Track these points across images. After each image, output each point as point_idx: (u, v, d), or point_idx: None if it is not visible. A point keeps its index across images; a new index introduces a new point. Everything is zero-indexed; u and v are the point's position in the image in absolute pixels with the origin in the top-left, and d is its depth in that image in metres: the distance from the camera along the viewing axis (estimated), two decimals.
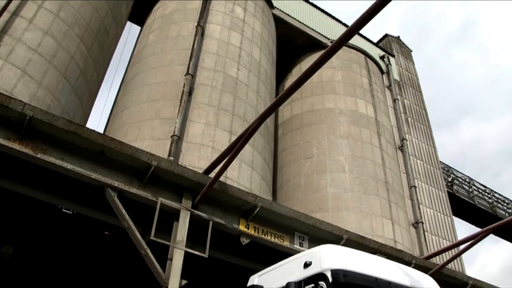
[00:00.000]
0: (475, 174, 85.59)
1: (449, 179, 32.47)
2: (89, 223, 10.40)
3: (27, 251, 12.52)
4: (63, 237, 12.11)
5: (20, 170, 8.83)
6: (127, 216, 8.70)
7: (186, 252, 8.86)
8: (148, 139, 14.04)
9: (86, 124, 15.42)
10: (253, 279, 7.60)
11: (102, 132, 12.96)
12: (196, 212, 9.34)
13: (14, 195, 9.22)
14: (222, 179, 9.64)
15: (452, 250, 16.52)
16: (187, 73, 14.91)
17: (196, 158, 13.44)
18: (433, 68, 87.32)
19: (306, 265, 6.50)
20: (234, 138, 9.49)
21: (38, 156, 8.24)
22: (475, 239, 12.29)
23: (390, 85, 26.29)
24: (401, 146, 24.42)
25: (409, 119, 27.61)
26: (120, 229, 9.17)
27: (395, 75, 27.59)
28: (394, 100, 25.89)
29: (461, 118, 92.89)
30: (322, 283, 6.09)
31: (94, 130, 8.85)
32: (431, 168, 27.25)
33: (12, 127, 8.17)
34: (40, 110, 8.26)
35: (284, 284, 6.03)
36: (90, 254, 12.72)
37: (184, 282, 8.54)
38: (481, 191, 35.52)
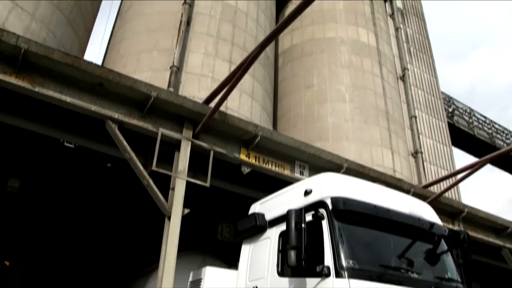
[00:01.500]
0: (482, 108, 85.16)
1: (450, 110, 32.43)
2: (91, 156, 10.46)
3: (33, 185, 12.71)
4: (66, 170, 12.25)
5: (20, 105, 8.77)
6: (128, 148, 8.73)
7: (187, 182, 8.96)
8: (147, 71, 13.88)
9: (83, 57, 15.18)
10: (255, 207, 7.74)
11: (100, 65, 12.78)
12: (197, 142, 9.37)
13: (16, 130, 9.21)
14: (222, 109, 9.60)
15: (450, 179, 16.78)
16: (185, 2, 14.50)
17: (196, 89, 13.35)
18: None
19: (306, 193, 6.60)
20: (233, 68, 9.35)
21: (36, 89, 8.15)
22: (472, 168, 12.42)
23: (393, 13, 25.66)
24: (403, 75, 24.21)
25: (412, 48, 27.18)
26: (122, 161, 9.22)
27: (398, 3, 26.86)
28: (397, 29, 25.37)
29: (473, 50, 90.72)
30: (322, 210, 6.20)
31: (92, 62, 8.71)
32: (432, 98, 27.15)
33: (7, 61, 8.01)
34: (35, 42, 8.07)
35: (285, 211, 6.13)
36: (93, 187, 12.92)
37: (186, 211, 8.70)
38: (480, 121, 35.57)
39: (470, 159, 33.52)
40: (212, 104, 9.30)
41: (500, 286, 19.40)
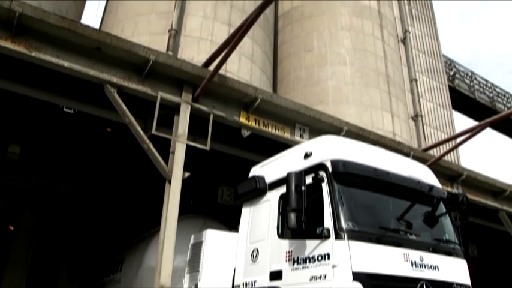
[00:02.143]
0: (486, 72, 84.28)
1: (451, 73, 32.20)
2: (91, 121, 10.44)
3: (33, 151, 12.73)
4: (67, 136, 12.24)
5: (18, 71, 8.69)
6: (128, 112, 8.70)
7: (187, 146, 8.97)
8: (146, 34, 13.72)
9: (79, 22, 14.95)
10: (255, 170, 7.76)
11: (97, 28, 12.59)
12: (196, 105, 9.33)
13: (15, 97, 9.16)
14: (221, 72, 9.52)
15: (450, 143, 16.81)
16: None
17: (195, 52, 13.22)
18: None
19: (306, 155, 6.61)
20: (233, 30, 9.22)
21: (33, 54, 8.05)
22: (472, 132, 12.43)
23: None
24: (404, 38, 23.95)
25: (413, 10, 26.81)
26: (121, 125, 9.20)
27: None
28: None
29: (478, 13, 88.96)
30: (322, 173, 6.22)
31: (88, 26, 8.58)
32: (434, 61, 26.93)
33: (2, 25, 7.88)
34: (29, 6, 7.90)
35: (285, 174, 6.15)
36: (93, 152, 12.94)
37: (187, 174, 8.73)
38: (482, 85, 35.36)
39: (471, 123, 33.45)
40: (211, 67, 9.23)
41: (497, 248, 19.70)
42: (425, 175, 7.42)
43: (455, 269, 6.67)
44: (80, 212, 15.77)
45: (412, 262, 6.09)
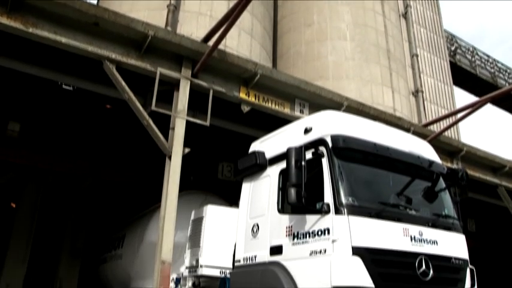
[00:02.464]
0: (490, 47, 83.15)
1: (453, 48, 31.96)
2: (90, 98, 10.41)
3: (33, 128, 12.71)
4: (66, 113, 12.21)
5: (15, 47, 8.62)
6: (127, 88, 8.66)
7: (187, 122, 8.96)
8: (144, 10, 13.59)
9: None
10: (255, 146, 7.74)
11: (95, 4, 12.45)
12: (196, 81, 9.28)
13: (14, 74, 9.11)
14: (221, 48, 9.45)
15: (450, 118, 16.77)
16: None
17: (194, 27, 13.11)
18: None
19: (306, 131, 6.58)
20: (232, 5, 9.11)
21: (30, 30, 7.97)
22: (473, 108, 12.40)
23: None
24: (405, 13, 23.72)
25: None
26: (121, 102, 9.17)
27: None
28: None
29: None
30: (322, 148, 6.20)
31: (86, 1, 8.50)
32: (435, 36, 26.72)
33: None
34: None
35: (285, 149, 6.14)
36: (93, 128, 12.93)
37: (187, 150, 8.74)
38: (483, 60, 35.13)
39: (472, 99, 33.34)
40: (211, 43, 9.15)
41: (495, 223, 19.84)
42: (425, 150, 7.41)
43: (454, 243, 6.71)
44: (81, 189, 15.84)
45: (411, 237, 6.11)
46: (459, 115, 13.87)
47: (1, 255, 14.79)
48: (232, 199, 10.22)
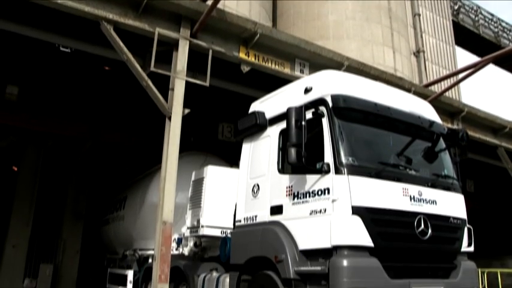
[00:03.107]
0: (495, 6, 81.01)
1: (456, 7, 31.42)
2: (88, 60, 10.30)
3: (32, 91, 12.64)
4: (65, 75, 12.13)
5: (11, 8, 8.45)
6: (125, 49, 8.54)
7: (187, 83, 8.88)
8: None
9: None
10: (255, 106, 7.70)
11: None
12: (195, 41, 9.15)
13: (11, 36, 8.97)
14: (220, 7, 9.28)
15: (452, 79, 16.65)
16: None
17: None
18: None
19: (307, 90, 6.53)
20: None
21: None
22: (475, 68, 12.27)
23: None
24: None
25: None
26: (119, 63, 9.07)
27: None
28: None
29: None
30: (322, 108, 6.16)
31: None
32: None
33: None
34: None
35: (285, 109, 6.10)
36: (92, 90, 12.86)
37: (187, 111, 8.70)
38: (487, 20, 34.58)
39: (474, 60, 32.99)
40: (210, 2, 8.97)
41: (493, 184, 19.99)
42: (426, 111, 7.37)
43: (453, 203, 6.75)
44: (81, 152, 15.89)
45: (410, 197, 6.15)
46: (460, 75, 13.76)
47: (6, 217, 14.99)
48: (232, 160, 10.26)
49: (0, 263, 14.53)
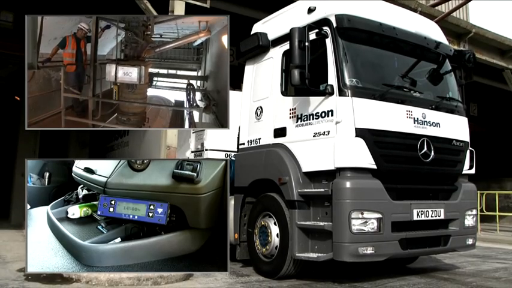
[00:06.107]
0: None
1: None
2: None
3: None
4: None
5: None
6: None
7: (187, 4, 8.66)
8: None
9: None
10: (257, 27, 7.51)
11: None
12: None
13: None
14: None
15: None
16: None
17: None
18: None
19: (310, 10, 6.33)
20: None
21: None
22: None
23: None
24: None
25: None
26: None
27: None
28: None
29: None
30: (326, 28, 6.01)
31: None
32: None
33: None
34: None
35: (288, 30, 5.95)
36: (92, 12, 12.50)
37: None
38: None
39: None
40: None
41: (497, 107, 19.93)
42: (432, 31, 7.19)
43: (456, 125, 6.76)
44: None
45: (414, 119, 6.15)
46: None
47: (13, 147, 15.14)
48: (235, 83, 10.16)
49: (11, 191, 14.86)
